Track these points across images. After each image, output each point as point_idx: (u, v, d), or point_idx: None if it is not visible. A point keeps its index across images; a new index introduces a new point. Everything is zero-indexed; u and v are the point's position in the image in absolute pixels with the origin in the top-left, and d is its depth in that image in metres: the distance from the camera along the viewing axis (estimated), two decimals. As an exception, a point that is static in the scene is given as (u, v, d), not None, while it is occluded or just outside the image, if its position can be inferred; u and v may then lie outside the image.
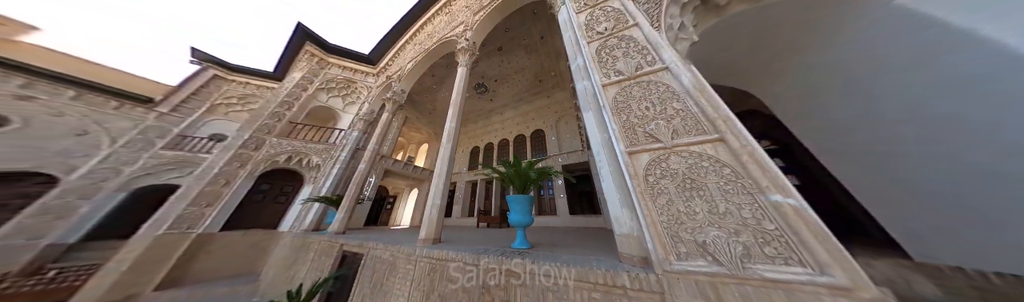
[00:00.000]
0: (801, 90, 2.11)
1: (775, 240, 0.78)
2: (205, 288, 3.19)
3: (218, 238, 3.77)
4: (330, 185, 4.28)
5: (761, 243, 0.79)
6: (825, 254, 0.71)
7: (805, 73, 2.04)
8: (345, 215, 3.25)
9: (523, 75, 7.13)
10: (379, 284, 1.67)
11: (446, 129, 2.26)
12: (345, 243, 2.35)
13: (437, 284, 1.37)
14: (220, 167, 4.02)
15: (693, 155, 1.02)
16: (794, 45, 1.98)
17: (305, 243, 3.10)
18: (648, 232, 0.96)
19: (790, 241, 0.76)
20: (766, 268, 0.75)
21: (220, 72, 6.40)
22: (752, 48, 2.11)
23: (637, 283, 0.88)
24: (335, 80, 5.92)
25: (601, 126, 1.38)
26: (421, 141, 10.23)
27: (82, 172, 4.86)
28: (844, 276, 0.67)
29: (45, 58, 6.13)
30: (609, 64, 1.53)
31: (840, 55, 1.81)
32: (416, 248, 1.64)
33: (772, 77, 2.25)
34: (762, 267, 0.76)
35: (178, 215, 3.51)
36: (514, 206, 1.56)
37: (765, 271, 0.75)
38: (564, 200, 5.91)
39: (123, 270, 2.96)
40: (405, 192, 9.11)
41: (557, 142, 7.12)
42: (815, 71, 1.97)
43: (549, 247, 1.59)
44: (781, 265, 0.75)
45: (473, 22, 3.68)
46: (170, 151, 5.48)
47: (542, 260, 1.11)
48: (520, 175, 1.64)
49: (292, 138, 4.87)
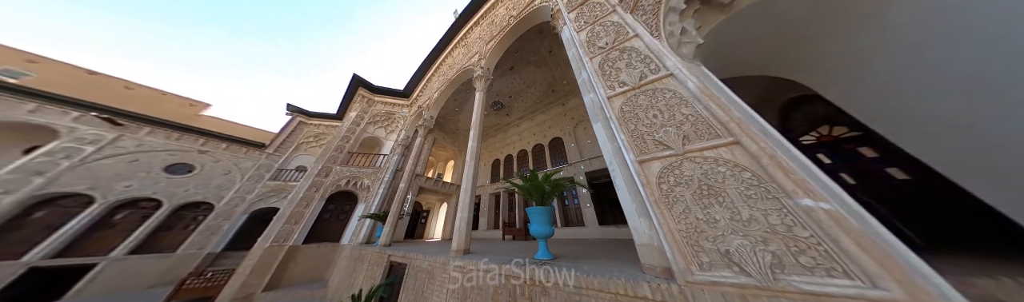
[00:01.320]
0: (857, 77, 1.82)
1: (811, 249, 0.75)
2: (293, 291, 4.06)
3: (301, 250, 4.81)
4: (377, 203, 5.16)
5: (795, 252, 0.77)
6: (874, 264, 0.66)
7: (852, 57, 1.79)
8: (390, 229, 3.86)
9: (536, 88, 7.67)
10: (421, 291, 1.93)
11: (469, 148, 2.67)
12: (392, 254, 2.78)
13: (469, 291, 1.54)
14: (303, 192, 5.34)
15: (708, 160, 1.06)
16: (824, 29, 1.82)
17: (361, 254, 3.72)
18: (666, 241, 0.99)
19: (830, 250, 0.73)
20: (804, 280, 0.72)
21: (303, 119, 8.93)
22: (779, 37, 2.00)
23: (659, 294, 0.90)
24: (379, 114, 7.57)
25: (610, 136, 1.49)
26: (447, 158, 11.36)
27: (226, 200, 7.14)
28: (901, 290, 0.61)
29: (213, 124, 9.91)
30: (613, 76, 1.67)
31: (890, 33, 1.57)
32: (449, 258, 1.89)
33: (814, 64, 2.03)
34: (799, 279, 0.73)
35: (278, 231, 4.71)
36: (534, 217, 1.70)
37: (803, 283, 0.72)
38: (591, 209, 5.57)
39: (247, 274, 4.07)
40: (436, 206, 9.95)
41: (577, 149, 7.02)
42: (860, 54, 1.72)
43: (573, 259, 1.62)
44: (822, 277, 0.70)
45: (486, 50, 4.29)
46: (273, 181, 7.59)
47: (564, 270, 1.20)
48: (537, 187, 1.81)
49: (350, 165, 6.21)
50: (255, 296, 3.99)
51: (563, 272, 1.18)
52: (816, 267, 0.73)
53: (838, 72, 1.91)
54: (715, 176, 1.01)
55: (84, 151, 5.96)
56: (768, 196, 0.88)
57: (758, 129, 1.02)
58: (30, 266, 4.94)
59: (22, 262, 4.92)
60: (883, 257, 0.66)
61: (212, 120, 10.54)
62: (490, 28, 4.84)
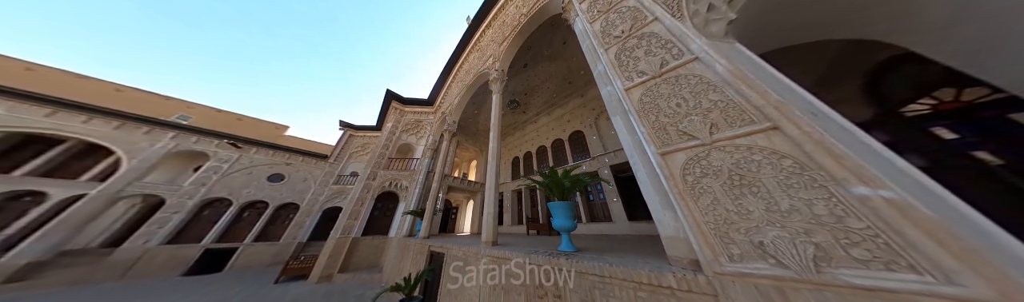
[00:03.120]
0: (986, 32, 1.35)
1: (867, 241, 0.69)
2: (358, 274, 5.20)
3: (361, 241, 5.99)
4: (415, 201, 5.94)
5: (846, 244, 0.71)
6: (950, 258, 0.58)
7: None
8: (427, 224, 4.44)
9: (551, 82, 7.60)
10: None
11: (490, 148, 2.91)
12: (431, 244, 3.22)
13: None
14: (358, 193, 6.54)
15: (740, 149, 1.02)
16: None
17: (406, 245, 4.37)
18: (692, 234, 0.99)
19: (891, 242, 0.66)
20: (855, 273, 0.67)
21: (352, 132, 10.79)
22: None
23: (685, 284, 0.92)
24: (410, 122, 8.70)
25: (630, 129, 1.48)
26: (470, 158, 12.16)
27: (306, 201, 9.26)
28: (987, 287, 0.53)
29: (292, 141, 13.06)
30: (630, 66, 1.63)
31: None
32: (480, 248, 2.14)
33: (917, 18, 1.59)
34: (849, 272, 0.68)
35: (343, 225, 5.90)
36: (556, 212, 1.80)
37: (853, 277, 0.67)
38: (619, 204, 5.29)
39: (326, 259, 5.28)
40: (464, 203, 10.79)
41: (599, 141, 6.68)
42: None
43: (597, 252, 1.66)
44: (880, 270, 0.65)
45: (499, 52, 4.42)
46: (335, 185, 9.41)
47: (586, 260, 1.29)
48: (557, 183, 1.90)
49: (390, 169, 7.31)
50: (333, 276, 5.20)
51: (585, 262, 1.27)
52: (872, 260, 0.67)
53: (958, 28, 1.47)
54: (749, 165, 0.96)
55: (223, 168, 8.59)
56: (814, 185, 0.81)
57: (803, 111, 0.93)
58: (205, 248, 7.41)
59: (201, 245, 7.39)
60: (965, 250, 0.58)
61: (291, 138, 14.01)
62: (502, 29, 5.07)
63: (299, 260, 5.95)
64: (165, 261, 6.76)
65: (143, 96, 10.92)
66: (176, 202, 7.51)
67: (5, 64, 8.73)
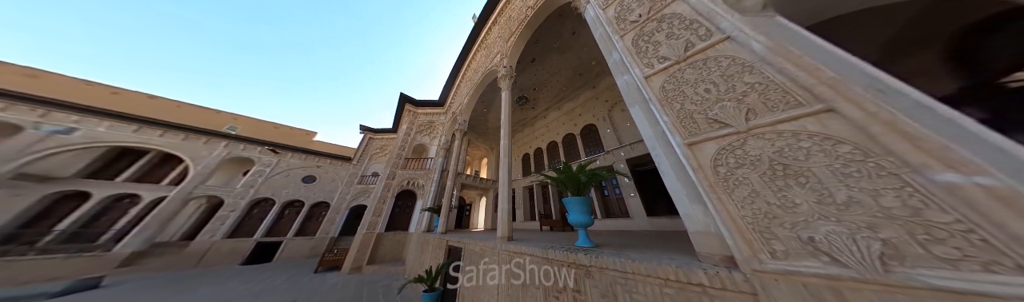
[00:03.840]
0: None
1: (956, 237, 0.58)
2: (384, 266, 5.68)
3: (385, 236, 6.48)
4: (431, 198, 6.20)
5: (925, 241, 0.61)
6: None
7: None
8: (444, 220, 4.61)
9: (561, 75, 7.38)
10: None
11: (501, 146, 2.93)
12: (449, 239, 3.36)
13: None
14: (380, 192, 7.02)
15: (783, 135, 0.91)
16: None
17: (425, 240, 4.60)
18: (726, 229, 0.92)
19: (990, 238, 0.55)
20: (938, 274, 0.57)
21: (371, 135, 11.50)
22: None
23: (718, 281, 0.86)
24: (423, 124, 9.07)
25: (651, 120, 1.39)
26: (481, 156, 12.41)
27: (335, 200, 10.16)
28: None
29: (320, 146, 14.52)
30: (650, 52, 1.52)
31: None
32: (496, 243, 2.18)
33: None
34: (929, 273, 0.58)
35: (368, 222, 6.39)
36: (571, 207, 1.77)
37: (936, 278, 0.57)
38: (636, 199, 5.05)
39: (355, 252, 5.79)
40: (477, 200, 11.20)
41: (614, 134, 6.40)
42: None
43: (617, 247, 1.60)
44: (975, 272, 0.55)
45: (507, 48, 4.34)
46: (359, 185, 10.12)
47: (605, 256, 1.26)
48: (571, 179, 1.86)
49: (407, 169, 7.72)
50: (363, 268, 5.72)
51: (605, 258, 1.24)
52: (963, 260, 0.57)
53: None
54: (795, 153, 0.86)
55: (266, 171, 9.75)
56: (880, 173, 0.71)
57: (866, 88, 0.80)
58: (257, 241, 8.53)
59: (253, 239, 8.53)
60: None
61: (319, 143, 15.56)
62: (508, 24, 5.00)
63: (333, 253, 6.67)
64: (227, 252, 7.94)
65: (199, 110, 12.75)
66: (232, 202, 8.71)
67: (95, 89, 10.59)
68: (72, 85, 10.16)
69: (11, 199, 6.45)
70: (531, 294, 1.58)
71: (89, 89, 10.43)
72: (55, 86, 9.61)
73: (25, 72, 9.48)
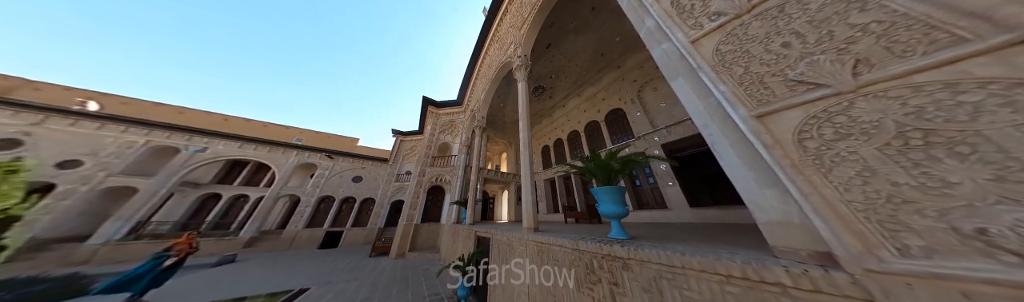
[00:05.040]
0: None
1: None
2: (422, 253, 6.43)
3: (421, 227, 7.25)
4: (458, 192, 6.54)
5: None
6: None
7: None
8: (471, 212, 4.84)
9: (580, 57, 6.79)
10: (505, 258, 2.35)
11: (521, 139, 2.84)
12: (478, 230, 3.50)
13: (546, 261, 1.73)
14: (413, 188, 7.75)
15: (924, 89, 0.64)
16: None
17: (456, 230, 4.91)
18: (820, 218, 0.71)
19: None
20: None
21: (401, 138, 12.53)
22: None
23: (807, 282, 0.67)
24: (445, 123, 9.59)
25: (701, 92, 1.13)
26: (500, 151, 12.70)
27: (379, 196, 11.61)
28: None
29: (362, 150, 16.76)
30: (696, 11, 1.24)
31: None
32: (523, 234, 2.16)
33: None
34: None
35: (406, 214, 7.16)
36: (602, 198, 1.62)
37: None
38: (676, 189, 4.49)
39: (398, 240, 6.58)
40: (499, 193, 11.62)
41: (645, 117, 5.72)
42: None
43: (656, 240, 1.42)
44: None
45: (520, 37, 4.09)
46: (396, 183, 11.21)
47: (648, 249, 1.12)
48: (602, 167, 1.67)
49: (434, 166, 8.34)
50: (405, 253, 6.55)
51: (646, 250, 1.10)
52: None
53: None
54: (949, 112, 0.60)
55: (326, 174, 11.72)
56: None
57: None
58: (326, 230, 10.49)
59: (323, 228, 10.51)
60: None
61: (362, 148, 18.20)
62: (519, 11, 4.72)
63: (381, 240, 7.72)
64: (306, 239, 10.06)
65: (276, 127, 16.58)
66: (306, 199, 10.83)
67: (210, 117, 14.73)
68: (199, 116, 14.29)
69: (181, 200, 9.71)
70: (562, 284, 1.53)
71: (207, 117, 14.55)
72: (194, 118, 13.71)
73: (177, 109, 13.81)
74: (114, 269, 5.62)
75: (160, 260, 3.76)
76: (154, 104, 13.26)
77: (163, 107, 13.34)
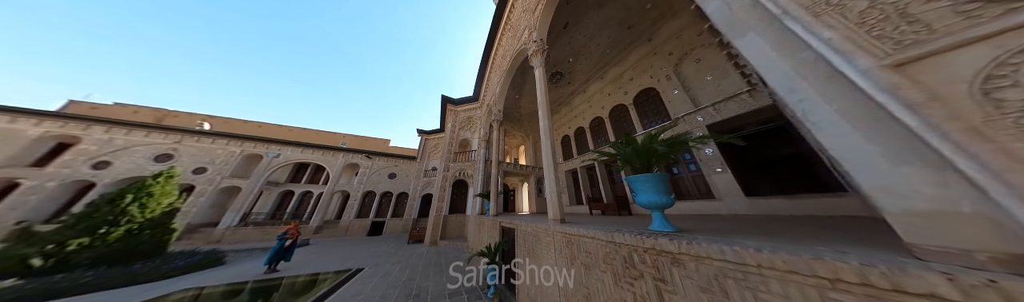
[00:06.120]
0: None
1: None
2: (452, 242, 6.93)
3: (449, 218, 7.81)
4: (480, 186, 6.73)
5: None
6: None
7: None
8: (494, 204, 4.94)
9: (602, 35, 5.98)
10: (532, 249, 2.32)
11: (541, 127, 2.66)
12: (502, 221, 3.54)
13: (577, 254, 1.62)
14: (440, 183, 8.25)
15: None
16: None
17: (481, 221, 5.08)
18: (1017, 205, 0.46)
19: None
20: None
21: (425, 136, 13.33)
22: None
23: (994, 297, 0.45)
24: (463, 120, 9.94)
25: (786, 45, 0.83)
26: (518, 144, 12.66)
27: (411, 190, 12.70)
28: None
29: (394, 149, 18.96)
30: None
31: None
32: (549, 225, 2.08)
33: None
34: None
35: (435, 207, 7.70)
36: (640, 187, 1.41)
37: None
38: (726, 176, 3.84)
39: (430, 229, 7.18)
40: (520, 186, 11.98)
41: (685, 95, 4.93)
42: None
43: (711, 233, 1.18)
44: None
45: (535, 20, 3.77)
46: (424, 178, 12.09)
47: (707, 243, 0.93)
48: (641, 152, 1.42)
49: (457, 162, 8.72)
50: (437, 241, 7.14)
51: (704, 244, 0.92)
52: None
53: None
54: None
55: (367, 172, 13.38)
56: None
57: None
58: (372, 220, 12.08)
59: (370, 219, 12.13)
60: None
61: (394, 147, 20.43)
62: (533, -10, 4.30)
63: (417, 230, 8.53)
64: (358, 227, 11.81)
65: (326, 134, 19.70)
66: (353, 194, 12.60)
67: (278, 129, 18.21)
68: (271, 128, 17.82)
69: (268, 196, 12.36)
70: (597, 277, 1.43)
71: (276, 129, 18.07)
72: (268, 130, 17.29)
73: (256, 124, 17.59)
74: (236, 247, 7.92)
75: (282, 242, 4.82)
76: (242, 121, 17.43)
77: (248, 123, 17.54)
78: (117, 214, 5.10)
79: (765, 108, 3.63)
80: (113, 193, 5.37)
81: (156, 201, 5.60)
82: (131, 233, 5.15)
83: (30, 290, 3.35)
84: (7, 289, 3.35)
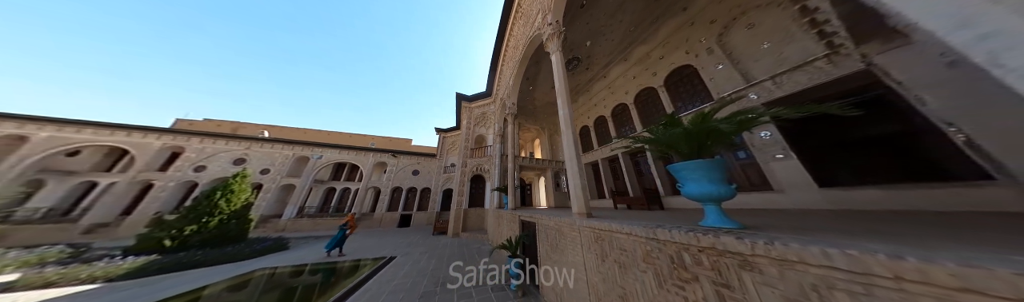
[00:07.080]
0: None
1: None
2: (473, 234, 7.17)
3: (469, 211, 8.09)
4: (497, 180, 6.74)
5: None
6: None
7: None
8: (512, 197, 4.89)
9: (626, 10, 5.17)
10: (555, 244, 2.21)
11: (561, 116, 2.42)
12: (521, 215, 3.47)
13: (609, 251, 1.46)
14: (458, 178, 8.57)
15: None
16: None
17: (500, 214, 5.11)
18: None
19: None
20: None
21: (443, 134, 13.86)
22: None
23: None
24: (478, 116, 10.12)
25: None
26: (532, 138, 12.66)
27: (433, 186, 13.40)
28: None
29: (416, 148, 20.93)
30: None
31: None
32: (574, 219, 1.93)
33: None
34: None
35: (456, 201, 8.06)
36: (690, 175, 1.15)
37: None
38: (791, 163, 3.16)
39: (452, 222, 7.53)
40: (536, 180, 12.05)
41: (732, 70, 4.13)
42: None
43: (797, 231, 0.93)
44: None
45: (549, 1, 3.45)
46: (444, 174, 12.69)
47: (800, 244, 0.71)
48: (695, 134, 1.14)
49: (473, 157, 8.95)
50: (459, 233, 7.46)
51: (795, 245, 0.70)
52: None
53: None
54: None
55: (394, 170, 14.52)
56: None
57: None
58: (400, 213, 13.22)
59: (398, 212, 13.30)
60: None
61: (415, 146, 22.18)
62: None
63: (440, 222, 9.00)
64: (389, 220, 13.02)
65: (357, 136, 22.11)
66: (384, 190, 13.89)
67: (318, 133, 20.99)
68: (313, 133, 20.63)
69: (316, 192, 14.20)
70: (635, 277, 1.27)
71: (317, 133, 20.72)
72: (312, 135, 20.10)
73: (302, 130, 20.51)
74: (296, 235, 9.47)
75: (343, 231, 5.57)
76: (292, 128, 20.53)
77: (296, 130, 20.63)
78: (212, 207, 6.33)
79: (850, 76, 2.78)
80: (207, 190, 6.68)
81: (237, 196, 6.81)
82: (223, 222, 6.37)
83: (167, 263, 4.57)
84: (153, 261, 4.59)
